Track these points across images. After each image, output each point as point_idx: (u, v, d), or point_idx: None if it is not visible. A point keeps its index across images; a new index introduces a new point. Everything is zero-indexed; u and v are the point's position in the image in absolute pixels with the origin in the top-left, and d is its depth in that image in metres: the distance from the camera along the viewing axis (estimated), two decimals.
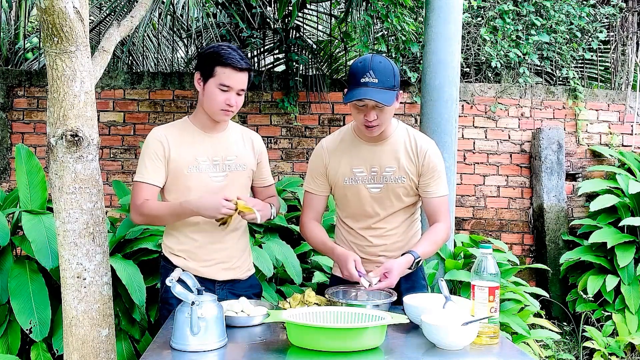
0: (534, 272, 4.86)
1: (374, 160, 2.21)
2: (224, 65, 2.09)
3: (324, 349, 1.64)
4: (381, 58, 2.09)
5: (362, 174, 2.22)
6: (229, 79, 2.10)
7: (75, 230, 2.19)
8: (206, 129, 2.22)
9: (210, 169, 2.19)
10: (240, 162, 2.25)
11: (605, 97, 5.09)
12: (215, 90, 2.12)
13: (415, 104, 4.84)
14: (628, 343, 4.03)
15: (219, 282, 2.22)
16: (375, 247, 2.27)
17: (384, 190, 2.21)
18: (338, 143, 2.28)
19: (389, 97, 2.04)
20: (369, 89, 2.03)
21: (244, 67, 2.11)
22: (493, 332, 1.78)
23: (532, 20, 4.96)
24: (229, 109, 2.14)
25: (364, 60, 2.08)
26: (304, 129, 4.88)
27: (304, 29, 5.52)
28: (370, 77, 2.04)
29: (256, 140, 2.34)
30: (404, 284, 2.27)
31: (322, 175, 2.28)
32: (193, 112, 2.28)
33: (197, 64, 2.19)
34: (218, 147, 2.21)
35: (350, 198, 2.26)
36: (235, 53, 2.11)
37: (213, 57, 2.11)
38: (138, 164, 2.20)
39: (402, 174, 2.20)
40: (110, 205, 4.58)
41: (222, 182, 2.20)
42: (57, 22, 2.03)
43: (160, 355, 1.66)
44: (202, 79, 2.16)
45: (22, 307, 2.89)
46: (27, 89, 4.76)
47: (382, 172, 2.21)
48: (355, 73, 2.07)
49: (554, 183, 4.79)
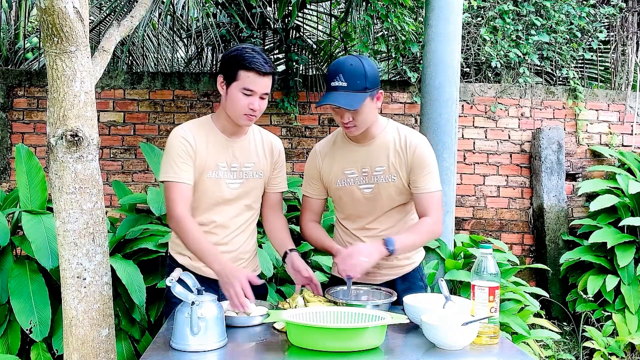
0: (534, 272, 4.86)
1: (364, 161, 2.21)
2: (248, 69, 2.03)
3: (324, 349, 1.64)
4: (354, 60, 2.08)
5: (353, 175, 2.23)
6: (253, 84, 2.04)
7: (75, 230, 2.19)
8: (228, 132, 2.16)
9: (227, 175, 2.15)
10: (258, 170, 2.21)
11: (605, 97, 5.09)
12: (238, 94, 2.05)
13: (415, 104, 4.84)
14: (628, 343, 4.03)
15: None
16: None
17: (376, 190, 2.21)
18: (330, 146, 2.29)
19: (355, 100, 2.04)
20: (336, 93, 2.05)
21: (268, 71, 2.05)
22: (493, 332, 1.78)
23: (532, 20, 4.96)
24: (252, 114, 2.07)
25: (337, 64, 2.09)
26: (304, 129, 4.88)
27: (304, 29, 5.52)
28: (339, 80, 2.05)
29: (275, 143, 2.29)
30: (401, 285, 2.27)
31: (316, 179, 2.30)
32: (216, 111, 2.21)
33: (220, 67, 2.12)
34: (237, 153, 2.17)
35: (345, 200, 2.26)
36: (260, 56, 2.04)
37: (236, 60, 2.05)
38: (163, 163, 2.10)
39: (392, 172, 2.19)
40: (110, 205, 4.58)
41: (238, 190, 2.17)
42: (57, 22, 2.03)
43: (160, 355, 1.66)
44: (225, 82, 2.09)
45: (22, 307, 2.89)
46: (27, 89, 4.76)
47: (372, 172, 2.20)
48: (328, 76, 2.09)
49: (554, 183, 4.79)
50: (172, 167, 2.06)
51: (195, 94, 4.84)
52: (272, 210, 2.32)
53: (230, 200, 2.15)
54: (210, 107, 4.83)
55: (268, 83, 2.07)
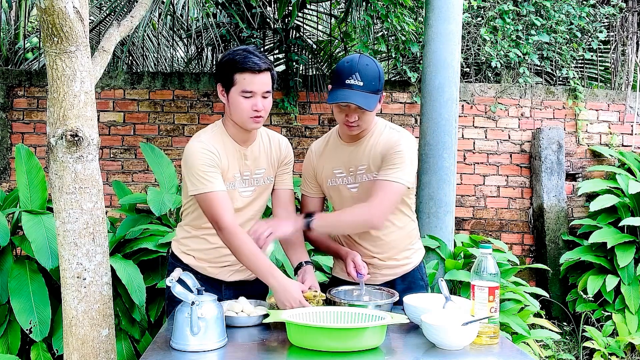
0: (534, 272, 4.86)
1: (350, 161, 2.21)
2: (242, 71, 1.98)
3: (324, 349, 1.64)
4: (368, 60, 2.07)
5: (341, 174, 2.23)
6: (250, 84, 1.99)
7: (75, 230, 2.19)
8: (239, 140, 2.11)
9: (240, 184, 2.12)
10: (268, 175, 2.19)
11: (605, 97, 5.09)
12: (238, 98, 2.01)
13: (415, 104, 4.84)
14: (628, 343, 4.03)
15: (226, 282, 2.21)
16: (364, 247, 2.24)
17: (361, 189, 2.19)
18: (324, 146, 2.29)
19: (372, 101, 2.04)
20: (353, 91, 2.03)
21: (263, 68, 1.99)
22: (493, 332, 1.78)
23: (532, 20, 4.96)
24: (257, 115, 2.01)
25: (351, 61, 2.06)
26: (304, 129, 4.88)
27: (304, 29, 5.52)
28: (355, 79, 2.03)
29: (283, 142, 2.24)
30: (400, 285, 2.26)
31: (312, 178, 2.30)
32: (224, 119, 2.14)
33: (216, 75, 2.08)
34: (249, 161, 2.13)
35: (335, 199, 2.27)
36: (252, 55, 1.99)
37: (229, 64, 2.01)
38: (190, 178, 2.01)
39: (372, 171, 2.16)
40: (110, 205, 4.58)
41: (250, 197, 2.15)
42: (57, 22, 2.03)
43: (160, 355, 1.66)
44: (224, 89, 2.05)
45: (22, 307, 2.89)
46: (27, 89, 4.76)
47: (357, 172, 2.20)
48: (341, 73, 2.06)
49: (554, 183, 4.79)
50: (204, 179, 1.98)
51: (195, 94, 4.84)
52: (285, 212, 2.23)
53: (242, 207, 2.14)
54: (210, 107, 4.84)
55: (266, 80, 2.02)
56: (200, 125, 4.81)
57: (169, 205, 3.28)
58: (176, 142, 4.80)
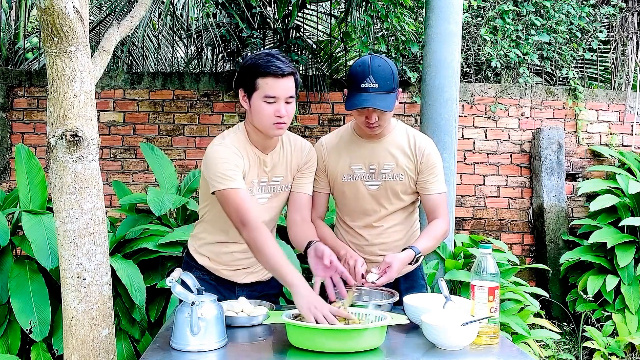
0: (534, 272, 4.86)
1: (373, 158, 2.22)
2: (264, 76, 1.93)
3: (324, 349, 1.64)
4: (380, 60, 2.08)
5: (360, 171, 2.23)
6: (273, 89, 1.93)
7: (75, 230, 2.19)
8: (259, 147, 2.08)
9: (257, 190, 2.09)
10: (286, 183, 2.17)
11: (605, 97, 5.09)
12: (261, 104, 1.95)
13: (415, 104, 4.83)
14: (628, 343, 4.03)
15: (240, 284, 2.20)
16: (374, 246, 2.27)
17: (382, 187, 2.22)
18: (337, 141, 2.28)
19: (389, 101, 2.05)
20: (369, 94, 2.03)
21: (287, 72, 1.94)
22: (493, 332, 1.78)
23: (532, 20, 4.96)
24: (280, 121, 1.96)
25: (363, 64, 2.06)
26: (304, 129, 4.88)
27: (304, 29, 5.51)
28: (370, 82, 2.03)
29: (306, 148, 2.20)
30: (403, 284, 2.27)
31: (321, 172, 2.28)
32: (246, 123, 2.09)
33: (238, 80, 2.03)
34: (267, 168, 2.11)
35: (349, 195, 2.26)
36: (275, 59, 1.94)
37: (251, 69, 1.95)
38: (211, 176, 1.97)
39: (400, 171, 2.21)
40: (110, 205, 4.57)
41: (267, 204, 2.13)
42: (57, 22, 2.03)
43: (160, 355, 1.66)
44: (246, 95, 2.00)
45: (22, 307, 2.89)
46: (27, 89, 4.76)
47: (380, 170, 2.21)
48: (355, 77, 2.06)
49: (554, 183, 4.79)
50: (227, 176, 1.94)
51: (195, 93, 4.84)
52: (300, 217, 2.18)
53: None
54: (210, 107, 4.83)
55: (290, 85, 1.96)
56: (200, 125, 4.81)
57: (169, 205, 3.28)
58: (176, 142, 4.80)
